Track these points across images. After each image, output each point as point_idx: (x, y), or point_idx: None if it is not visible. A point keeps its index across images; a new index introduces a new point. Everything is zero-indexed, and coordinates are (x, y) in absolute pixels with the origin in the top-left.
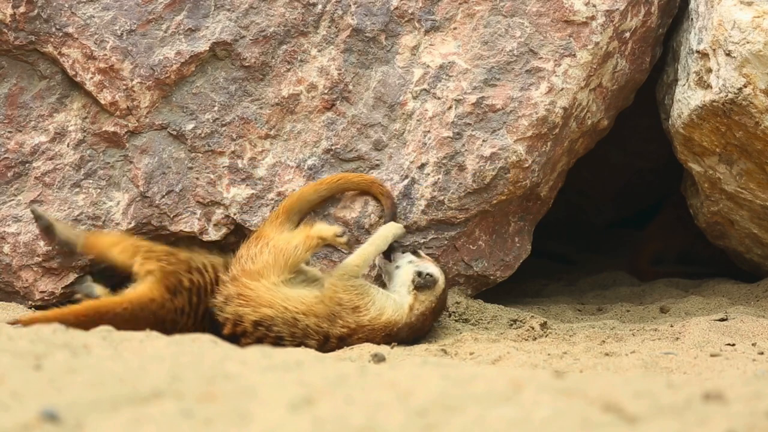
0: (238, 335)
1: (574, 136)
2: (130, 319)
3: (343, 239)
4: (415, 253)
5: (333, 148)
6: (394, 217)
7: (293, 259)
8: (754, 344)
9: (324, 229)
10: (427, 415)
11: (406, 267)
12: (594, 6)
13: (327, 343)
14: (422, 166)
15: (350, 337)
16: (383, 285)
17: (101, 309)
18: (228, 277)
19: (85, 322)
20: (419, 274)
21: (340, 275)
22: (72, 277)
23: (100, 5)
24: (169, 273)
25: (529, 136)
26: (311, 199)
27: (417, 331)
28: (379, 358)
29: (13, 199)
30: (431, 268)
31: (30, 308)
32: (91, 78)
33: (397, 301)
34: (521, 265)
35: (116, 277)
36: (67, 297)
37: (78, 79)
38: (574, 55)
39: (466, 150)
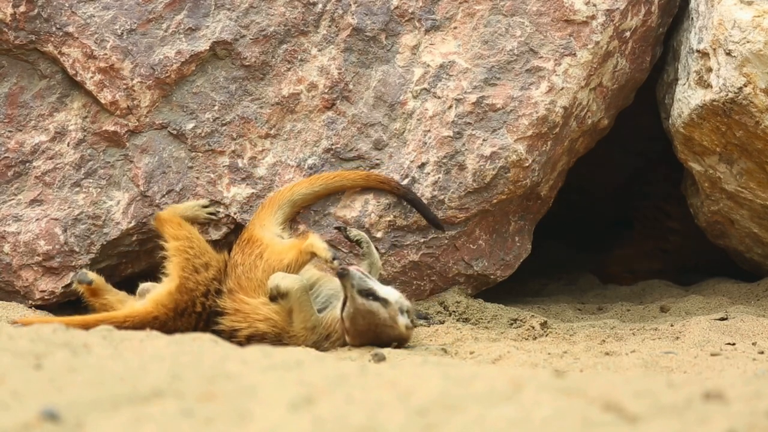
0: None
1: (574, 136)
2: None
3: (335, 264)
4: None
5: (333, 147)
6: (405, 196)
7: None
8: (754, 343)
9: (318, 246)
10: (428, 415)
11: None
12: (594, 5)
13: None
14: (422, 166)
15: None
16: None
17: (102, 323)
18: (226, 288)
19: None
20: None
21: (308, 328)
22: (72, 276)
23: (100, 5)
24: (185, 291)
25: (530, 136)
26: (305, 192)
27: None
28: (379, 358)
29: (13, 199)
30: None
31: (30, 308)
32: (92, 77)
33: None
34: (521, 264)
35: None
36: (66, 296)
37: (78, 78)
38: (575, 55)
39: (466, 149)
